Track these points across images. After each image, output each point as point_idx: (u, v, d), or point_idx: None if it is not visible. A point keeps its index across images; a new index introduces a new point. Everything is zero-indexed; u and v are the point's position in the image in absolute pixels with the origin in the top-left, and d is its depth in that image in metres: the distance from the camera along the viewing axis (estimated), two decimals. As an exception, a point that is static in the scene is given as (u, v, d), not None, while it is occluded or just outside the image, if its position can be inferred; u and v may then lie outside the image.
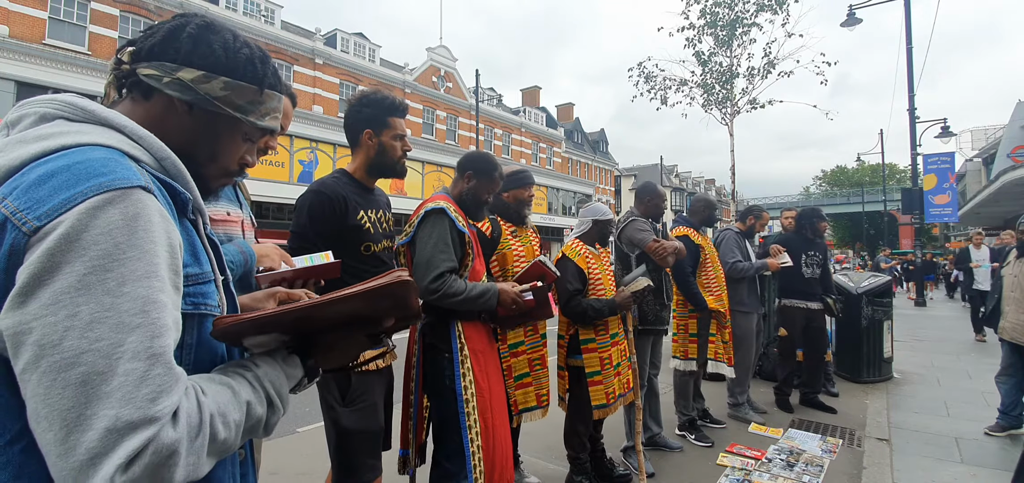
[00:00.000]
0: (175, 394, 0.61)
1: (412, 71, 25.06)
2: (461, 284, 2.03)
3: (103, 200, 0.60)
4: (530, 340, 2.82)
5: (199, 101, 0.78)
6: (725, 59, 12.46)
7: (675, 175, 52.29)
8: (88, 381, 0.56)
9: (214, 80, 0.78)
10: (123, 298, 0.59)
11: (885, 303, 5.65)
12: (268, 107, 0.86)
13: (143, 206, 0.62)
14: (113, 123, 0.71)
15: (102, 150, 0.65)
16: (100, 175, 0.61)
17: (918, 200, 14.22)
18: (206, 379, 0.70)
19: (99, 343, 0.57)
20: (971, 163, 28.40)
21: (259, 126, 0.85)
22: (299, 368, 0.82)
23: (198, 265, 0.75)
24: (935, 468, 3.43)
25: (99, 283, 0.58)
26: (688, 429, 3.86)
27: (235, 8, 18.77)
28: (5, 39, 12.89)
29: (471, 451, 2.01)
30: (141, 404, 0.57)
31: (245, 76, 0.81)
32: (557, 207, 31.43)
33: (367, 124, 1.98)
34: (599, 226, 3.06)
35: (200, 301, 0.74)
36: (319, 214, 1.88)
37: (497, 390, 2.20)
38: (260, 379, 0.75)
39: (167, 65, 0.77)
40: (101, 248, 0.58)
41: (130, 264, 0.60)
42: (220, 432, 0.67)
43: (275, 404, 0.76)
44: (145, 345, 0.59)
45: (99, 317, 0.57)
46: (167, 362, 0.61)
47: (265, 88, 0.84)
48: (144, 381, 0.58)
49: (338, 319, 0.81)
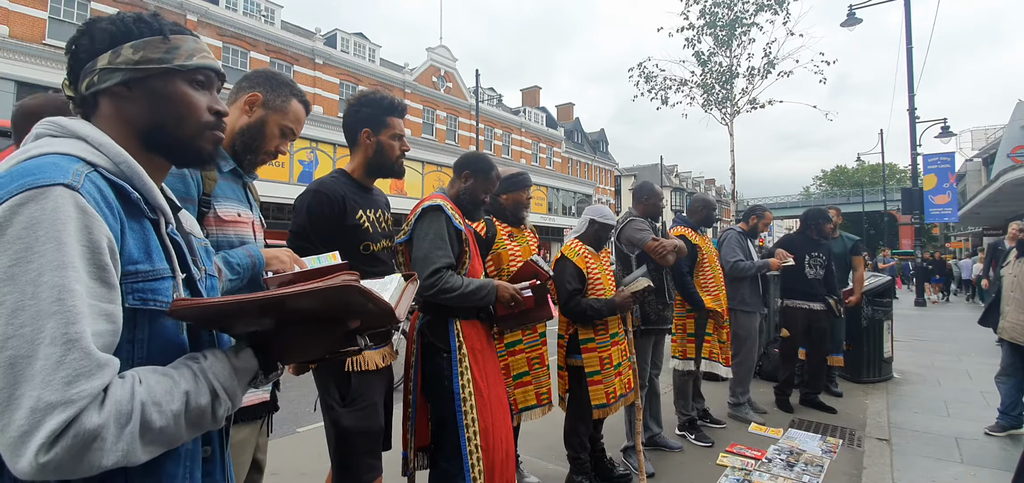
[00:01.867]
0: (96, 379, 0.64)
1: (412, 71, 25.06)
2: (458, 280, 2.03)
3: (25, 197, 0.65)
4: (528, 339, 2.82)
5: (127, 74, 0.83)
6: (725, 59, 12.47)
7: (675, 175, 52.29)
8: (15, 363, 0.61)
9: (122, 49, 0.83)
10: (41, 287, 0.63)
11: (885, 303, 5.65)
12: (186, 49, 0.88)
13: (62, 201, 0.66)
14: (79, 134, 0.78)
15: (54, 157, 0.72)
16: (29, 175, 0.67)
17: (918, 200, 14.22)
18: (149, 370, 0.73)
19: (23, 329, 0.62)
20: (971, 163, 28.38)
21: (191, 66, 0.88)
22: (252, 361, 0.83)
23: (149, 263, 0.77)
24: (935, 468, 3.43)
25: (22, 273, 0.63)
26: (688, 429, 3.86)
27: (235, 8, 18.76)
28: (5, 39, 12.89)
29: (469, 451, 2.00)
30: (58, 386, 0.61)
31: (143, 32, 0.85)
32: (557, 207, 31.41)
33: (365, 124, 1.98)
34: (595, 227, 3.05)
35: (149, 297, 0.76)
36: (318, 213, 1.87)
37: (496, 390, 2.19)
38: (204, 371, 0.77)
39: (86, 68, 0.83)
40: (22, 242, 0.63)
41: (47, 255, 0.64)
42: (155, 420, 0.68)
43: (219, 396, 0.77)
44: (61, 331, 0.63)
45: (21, 305, 0.62)
46: (84, 348, 0.64)
47: (168, 33, 0.87)
48: (60, 365, 0.62)
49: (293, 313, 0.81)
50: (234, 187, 1.57)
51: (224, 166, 1.54)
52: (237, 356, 0.82)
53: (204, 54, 0.90)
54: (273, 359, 0.86)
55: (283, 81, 1.64)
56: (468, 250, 2.15)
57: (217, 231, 1.46)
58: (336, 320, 0.84)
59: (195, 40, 0.90)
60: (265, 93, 1.59)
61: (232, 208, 1.53)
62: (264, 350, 0.85)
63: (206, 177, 1.43)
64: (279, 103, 1.61)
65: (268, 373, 0.87)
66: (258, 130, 1.58)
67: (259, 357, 0.84)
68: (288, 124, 1.63)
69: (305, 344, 0.85)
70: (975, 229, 28.09)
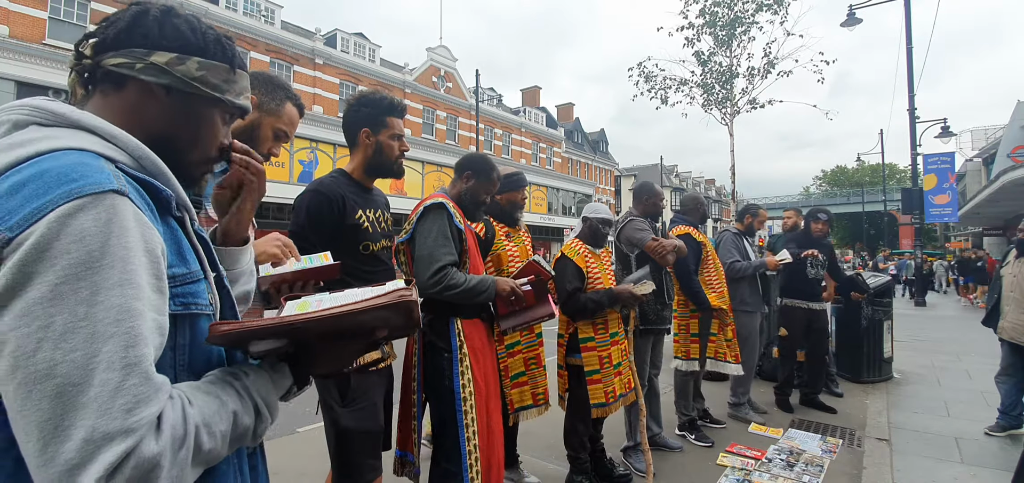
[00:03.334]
0: (154, 404, 0.60)
1: (412, 71, 25.07)
2: (461, 276, 2.04)
3: (74, 207, 0.58)
4: (525, 340, 2.82)
5: (176, 83, 0.77)
6: (725, 59, 12.48)
7: (675, 175, 52.29)
8: (63, 392, 0.55)
9: (189, 61, 0.78)
10: (97, 307, 0.57)
11: (885, 303, 5.65)
12: (241, 86, 0.86)
13: (116, 211, 0.61)
14: (85, 125, 0.69)
15: (74, 154, 0.64)
16: (71, 181, 0.60)
17: (918, 200, 14.22)
18: (194, 388, 0.70)
19: (74, 354, 0.56)
20: (971, 163, 28.37)
21: (236, 105, 0.86)
22: (288, 377, 0.82)
23: (185, 264, 0.73)
24: (935, 468, 3.43)
25: (72, 293, 0.57)
26: (688, 429, 3.86)
27: (235, 8, 18.76)
28: (5, 39, 12.90)
29: (467, 450, 2.01)
30: (117, 415, 0.57)
31: (216, 55, 0.81)
32: (557, 207, 31.43)
33: (365, 124, 1.99)
34: (589, 224, 3.04)
35: (190, 301, 0.72)
36: (317, 213, 1.88)
37: (494, 389, 2.20)
38: (248, 389, 0.74)
39: (137, 51, 0.75)
40: (73, 257, 0.57)
41: (103, 272, 0.58)
42: (206, 443, 0.66)
43: (263, 414, 0.76)
44: (120, 355, 0.58)
45: (73, 327, 0.56)
46: (144, 372, 0.60)
47: (235, 67, 0.85)
48: (119, 392, 0.57)
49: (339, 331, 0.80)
50: None
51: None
52: (275, 371, 0.80)
53: (247, 95, 0.89)
54: (305, 372, 0.84)
55: (278, 84, 1.65)
56: (468, 250, 2.16)
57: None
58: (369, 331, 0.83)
59: (246, 79, 0.89)
60: (260, 96, 1.59)
61: None
62: (297, 362, 0.83)
63: None
64: (273, 106, 1.61)
65: (301, 386, 0.86)
66: (252, 132, 1.58)
67: (293, 371, 0.83)
68: (282, 127, 1.64)
69: (337, 355, 0.84)
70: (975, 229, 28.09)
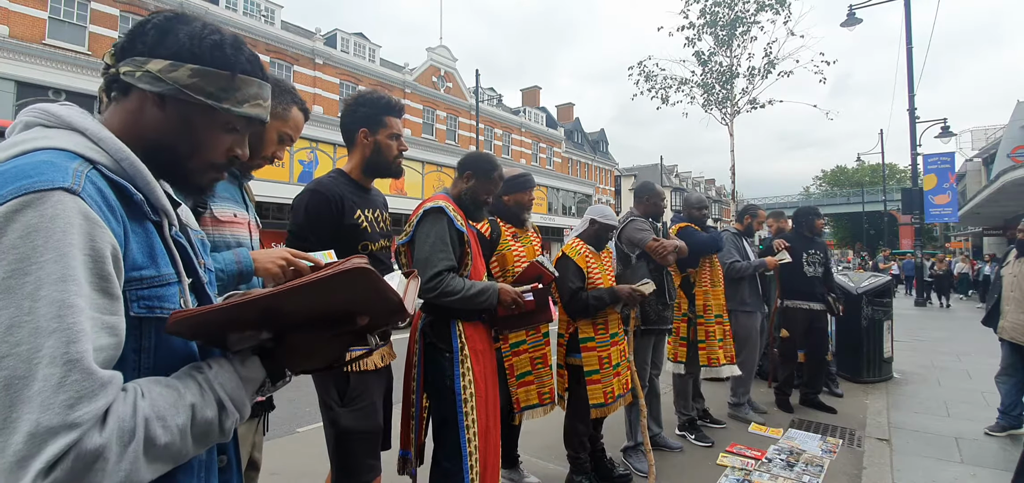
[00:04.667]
0: (99, 399, 0.60)
1: (412, 71, 25.05)
2: (459, 282, 2.03)
3: (21, 203, 0.60)
4: (532, 339, 2.82)
5: (168, 91, 0.77)
6: (725, 59, 12.47)
7: (675, 175, 52.27)
8: (11, 385, 0.57)
9: (180, 68, 0.77)
10: (40, 302, 0.58)
11: (885, 303, 5.65)
12: (246, 93, 0.82)
13: (62, 208, 0.61)
14: (75, 125, 0.71)
15: (48, 153, 0.66)
16: (24, 177, 0.62)
17: (918, 200, 14.22)
18: (152, 381, 0.69)
19: (19, 348, 0.57)
20: (971, 163, 28.36)
21: (238, 114, 0.82)
22: (258, 370, 0.78)
23: (155, 268, 0.73)
24: (935, 468, 3.42)
25: (19, 287, 0.58)
26: (688, 429, 3.85)
27: (235, 8, 18.76)
28: (5, 39, 12.89)
29: (468, 451, 2.01)
30: (59, 410, 0.57)
31: (214, 62, 0.79)
32: (557, 207, 31.41)
33: (363, 123, 1.98)
34: (596, 227, 3.05)
35: (155, 304, 0.72)
36: (316, 213, 1.87)
37: (493, 391, 2.20)
38: (210, 380, 0.73)
39: (137, 59, 0.76)
40: (18, 252, 0.59)
41: (46, 267, 0.59)
42: (160, 436, 0.65)
43: (226, 407, 0.73)
44: (61, 351, 0.58)
45: (18, 321, 0.58)
46: (85, 368, 0.60)
47: (238, 73, 0.81)
48: (61, 387, 0.58)
49: (297, 314, 0.76)
50: (230, 188, 1.58)
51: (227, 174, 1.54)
52: (243, 364, 0.77)
53: (259, 103, 0.85)
54: (280, 366, 0.81)
55: (285, 88, 1.66)
56: (470, 252, 2.15)
57: (213, 231, 1.47)
58: (344, 318, 0.79)
59: (260, 86, 0.85)
60: None
61: (228, 209, 1.54)
62: (271, 357, 0.80)
63: None
64: (280, 110, 1.63)
65: (276, 381, 0.83)
66: (258, 136, 1.59)
67: (266, 365, 0.80)
68: (288, 131, 1.66)
69: (313, 348, 0.81)
70: (975, 229, 28.08)
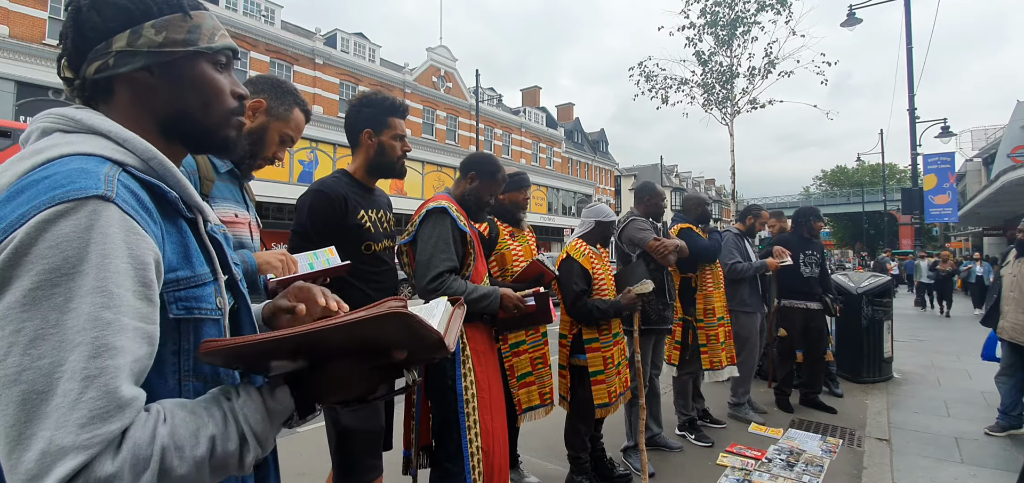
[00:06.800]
0: (114, 422, 0.58)
1: (412, 71, 25.06)
2: (461, 285, 2.03)
3: (54, 213, 0.58)
4: (531, 339, 2.82)
5: (148, 57, 0.74)
6: (725, 59, 12.47)
7: (675, 175, 52.26)
8: (28, 399, 0.55)
9: (143, 29, 0.73)
10: (69, 314, 0.56)
11: (885, 303, 5.66)
12: (208, 27, 0.80)
13: (98, 217, 0.59)
14: (100, 129, 0.69)
15: (78, 160, 0.64)
16: (58, 186, 0.60)
17: (918, 200, 14.20)
18: (178, 405, 0.67)
19: (40, 361, 0.55)
20: (971, 163, 28.37)
21: (214, 49, 0.80)
22: (288, 401, 0.74)
23: (189, 268, 0.72)
24: (935, 468, 3.43)
25: (46, 299, 0.56)
26: (688, 429, 3.86)
27: (235, 8, 18.76)
28: (5, 39, 12.89)
29: (470, 452, 2.01)
30: (72, 429, 0.55)
31: (162, 10, 0.75)
32: (557, 207, 31.42)
33: (367, 124, 1.99)
34: (602, 227, 3.07)
35: (193, 305, 0.71)
36: (320, 213, 1.88)
37: (496, 391, 2.20)
38: (235, 412, 0.70)
39: (98, 49, 0.72)
40: (49, 262, 0.57)
41: (79, 278, 0.57)
42: (176, 468, 0.62)
43: (248, 442, 0.70)
44: (82, 366, 0.56)
45: (42, 334, 0.56)
46: (104, 385, 0.57)
47: (187, 10, 0.77)
48: (76, 405, 0.56)
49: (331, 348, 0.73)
50: (231, 188, 1.59)
51: (222, 167, 1.55)
52: (272, 395, 0.73)
53: (222, 33, 0.83)
54: (310, 397, 0.76)
55: (287, 89, 1.66)
56: (473, 252, 2.15)
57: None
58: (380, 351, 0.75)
59: (211, 17, 0.82)
60: (269, 100, 1.61)
61: (229, 209, 1.55)
62: (302, 385, 0.75)
63: (203, 178, 1.44)
64: (282, 111, 1.63)
65: (304, 414, 0.77)
66: (260, 136, 1.60)
67: (295, 395, 0.75)
68: (289, 132, 1.67)
69: (347, 380, 0.76)
70: (975, 229, 28.10)
